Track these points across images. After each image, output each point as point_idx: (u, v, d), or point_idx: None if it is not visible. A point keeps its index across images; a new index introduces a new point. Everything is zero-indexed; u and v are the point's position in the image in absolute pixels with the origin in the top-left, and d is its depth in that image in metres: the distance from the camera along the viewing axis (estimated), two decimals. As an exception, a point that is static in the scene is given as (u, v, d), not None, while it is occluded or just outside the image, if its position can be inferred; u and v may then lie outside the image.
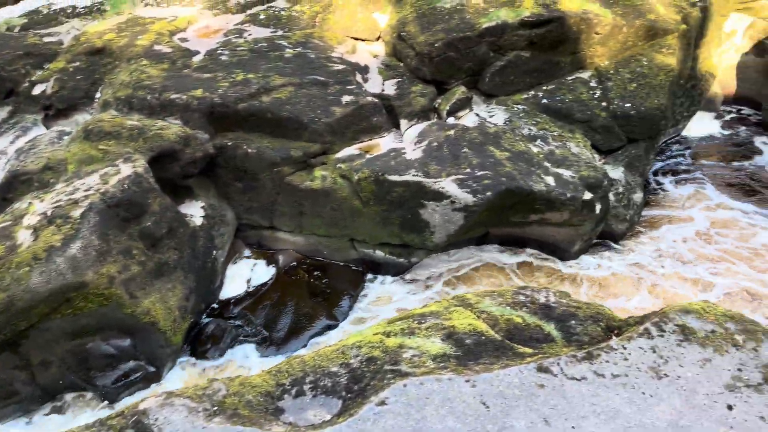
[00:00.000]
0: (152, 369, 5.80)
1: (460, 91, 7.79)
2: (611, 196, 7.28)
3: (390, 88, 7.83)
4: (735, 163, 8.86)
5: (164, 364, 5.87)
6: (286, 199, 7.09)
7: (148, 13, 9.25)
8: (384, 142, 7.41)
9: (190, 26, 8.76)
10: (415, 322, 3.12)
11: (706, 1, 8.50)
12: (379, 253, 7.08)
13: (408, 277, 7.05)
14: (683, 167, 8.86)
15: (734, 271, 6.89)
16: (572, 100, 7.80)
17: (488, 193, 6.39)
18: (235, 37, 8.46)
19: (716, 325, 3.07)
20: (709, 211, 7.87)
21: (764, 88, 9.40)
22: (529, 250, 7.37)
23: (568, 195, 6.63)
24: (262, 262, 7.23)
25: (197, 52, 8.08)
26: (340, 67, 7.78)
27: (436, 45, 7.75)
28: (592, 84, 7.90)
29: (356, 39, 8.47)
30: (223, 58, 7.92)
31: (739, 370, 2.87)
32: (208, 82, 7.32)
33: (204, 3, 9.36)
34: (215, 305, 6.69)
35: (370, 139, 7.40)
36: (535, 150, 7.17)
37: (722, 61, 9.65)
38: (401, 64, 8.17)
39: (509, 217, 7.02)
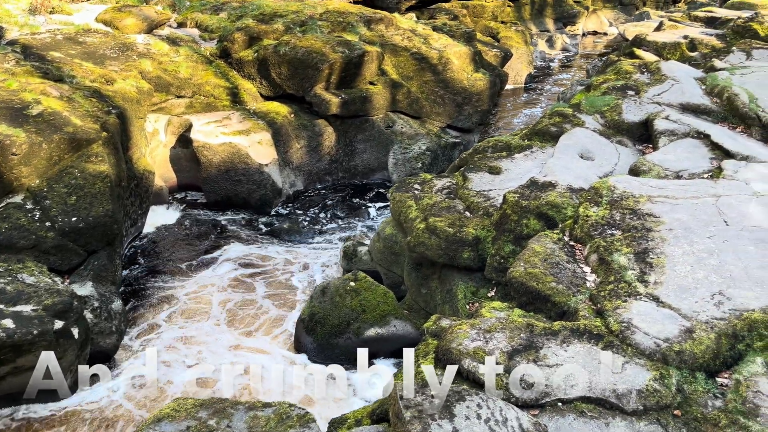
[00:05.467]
0: None
1: None
2: (88, 314, 6.87)
3: None
4: (196, 254, 9.67)
5: None
6: None
7: None
8: None
9: None
10: None
11: (119, 108, 8.98)
12: None
13: None
14: (149, 262, 9.14)
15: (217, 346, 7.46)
16: (10, 228, 7.03)
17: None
18: None
19: (190, 420, 3.11)
20: (182, 303, 8.26)
21: (198, 173, 10.59)
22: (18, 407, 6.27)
23: (36, 332, 5.93)
24: None
25: None
26: None
27: None
28: (29, 206, 7.30)
29: None
30: None
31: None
32: None
33: None
34: None
35: None
36: (-22, 296, 6.14)
37: (156, 158, 10.42)
38: None
39: (-27, 383, 5.82)
